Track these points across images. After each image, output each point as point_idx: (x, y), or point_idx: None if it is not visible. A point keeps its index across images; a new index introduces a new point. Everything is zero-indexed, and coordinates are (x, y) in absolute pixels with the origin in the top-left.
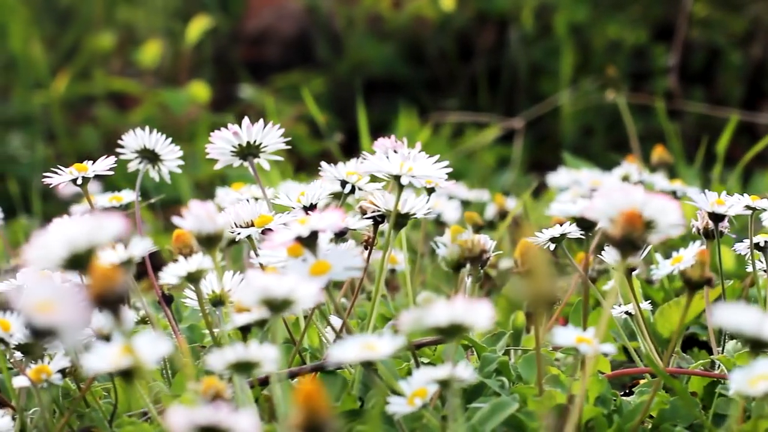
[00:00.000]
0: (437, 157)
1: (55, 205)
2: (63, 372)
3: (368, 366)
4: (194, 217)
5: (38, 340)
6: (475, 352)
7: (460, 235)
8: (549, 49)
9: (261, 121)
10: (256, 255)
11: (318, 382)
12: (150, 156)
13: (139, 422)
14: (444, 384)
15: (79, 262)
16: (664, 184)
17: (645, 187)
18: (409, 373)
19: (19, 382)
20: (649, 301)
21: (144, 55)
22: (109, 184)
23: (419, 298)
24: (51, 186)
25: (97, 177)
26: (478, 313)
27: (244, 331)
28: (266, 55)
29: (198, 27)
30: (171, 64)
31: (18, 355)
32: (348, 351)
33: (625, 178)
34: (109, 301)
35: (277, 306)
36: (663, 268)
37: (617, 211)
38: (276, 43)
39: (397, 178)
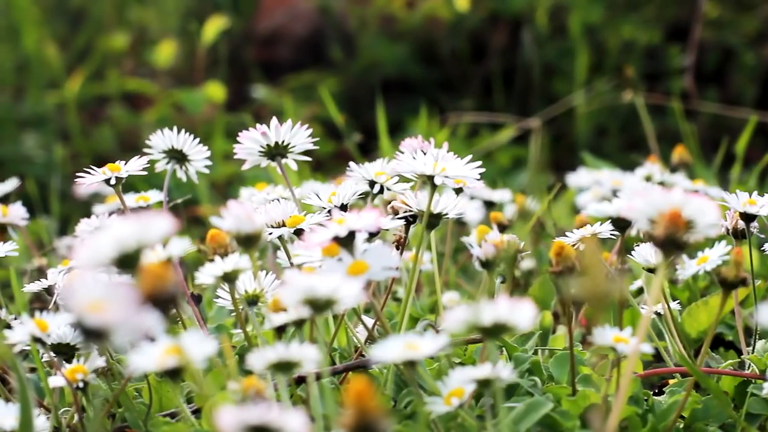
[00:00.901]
0: (470, 157)
1: (71, 206)
2: (97, 372)
3: (411, 366)
4: (233, 217)
5: (89, 340)
6: (504, 352)
7: (487, 235)
8: (562, 50)
9: (289, 121)
10: (287, 255)
11: (368, 382)
12: (178, 156)
13: (174, 422)
14: (484, 384)
15: (128, 261)
16: (686, 185)
17: (666, 187)
18: (439, 373)
19: (55, 381)
20: (677, 301)
21: (158, 55)
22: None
23: (444, 299)
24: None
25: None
26: (521, 314)
27: (280, 331)
28: (278, 55)
29: (214, 27)
30: (184, 64)
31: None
32: (391, 350)
33: (648, 178)
34: (161, 300)
35: (320, 306)
36: (689, 268)
37: (657, 211)
38: (288, 43)
39: (430, 178)
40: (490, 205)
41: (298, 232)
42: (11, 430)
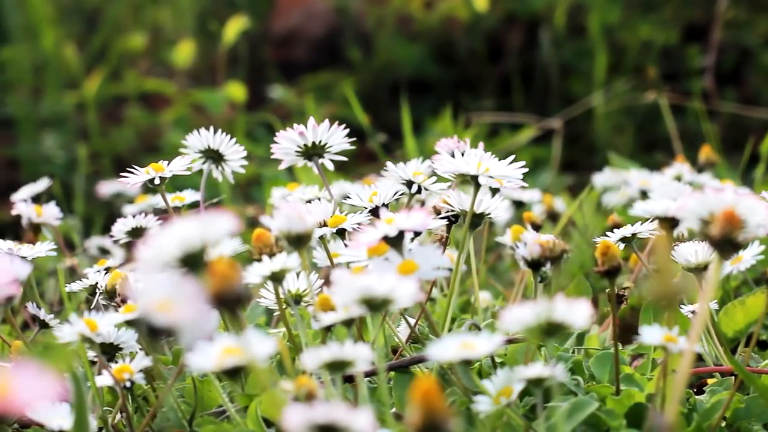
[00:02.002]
0: (512, 157)
1: (93, 205)
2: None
3: (467, 365)
4: (284, 216)
5: (157, 339)
6: (543, 352)
7: (523, 234)
8: (580, 50)
9: (326, 121)
10: (327, 255)
11: (433, 381)
12: (214, 156)
13: (218, 421)
14: (536, 383)
15: (192, 260)
16: (714, 184)
17: (695, 187)
18: (479, 372)
19: (102, 381)
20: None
21: (177, 55)
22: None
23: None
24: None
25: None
26: (577, 313)
27: (327, 331)
28: (294, 55)
29: (235, 27)
30: (200, 64)
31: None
32: (447, 350)
33: (678, 178)
34: (228, 300)
35: (376, 305)
36: (723, 268)
37: (709, 211)
38: (304, 43)
39: (474, 178)
40: (518, 205)
41: (340, 232)
42: (59, 430)
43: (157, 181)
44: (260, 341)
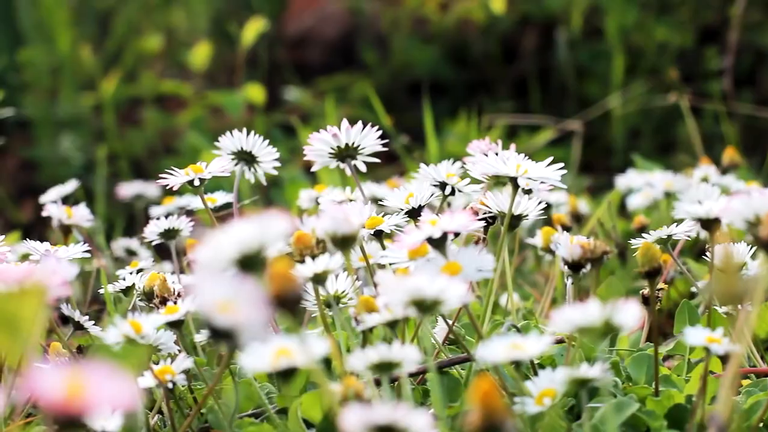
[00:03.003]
0: (551, 158)
1: (113, 207)
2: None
3: (516, 366)
4: (331, 218)
5: (217, 340)
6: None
7: (554, 236)
8: (595, 52)
9: (360, 123)
10: (364, 256)
11: (491, 381)
12: (247, 158)
13: (258, 422)
14: (582, 384)
15: (249, 262)
16: (739, 186)
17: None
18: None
19: (145, 382)
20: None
21: (194, 57)
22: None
23: (503, 300)
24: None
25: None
26: (628, 314)
27: (369, 332)
28: (308, 57)
29: (253, 29)
30: (215, 66)
31: None
32: (496, 351)
33: (705, 180)
34: (288, 301)
35: (427, 306)
36: (752, 268)
37: (755, 212)
38: (317, 45)
39: (513, 180)
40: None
41: (377, 234)
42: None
43: (196, 183)
44: (314, 343)
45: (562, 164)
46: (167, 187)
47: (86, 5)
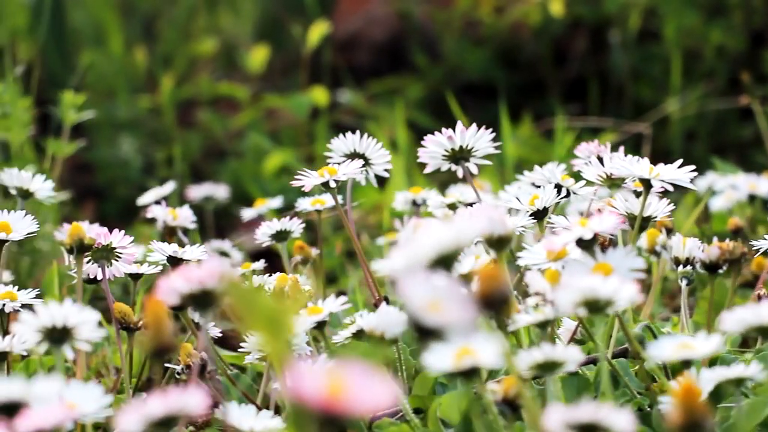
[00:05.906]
0: (680, 161)
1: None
2: None
3: (687, 366)
4: (488, 219)
5: (425, 339)
6: None
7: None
8: (648, 55)
9: (474, 125)
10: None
11: (691, 380)
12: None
13: (398, 422)
14: (737, 383)
15: (445, 262)
16: None
17: None
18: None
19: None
20: None
21: (251, 60)
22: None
23: None
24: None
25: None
26: None
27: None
28: (356, 60)
29: (317, 32)
30: (267, 68)
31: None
32: (665, 350)
33: None
34: (495, 301)
35: (599, 307)
36: None
37: None
38: (365, 48)
39: (645, 182)
40: None
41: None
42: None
43: (332, 184)
44: (491, 342)
45: (693, 167)
46: (301, 188)
47: (131, 8)
